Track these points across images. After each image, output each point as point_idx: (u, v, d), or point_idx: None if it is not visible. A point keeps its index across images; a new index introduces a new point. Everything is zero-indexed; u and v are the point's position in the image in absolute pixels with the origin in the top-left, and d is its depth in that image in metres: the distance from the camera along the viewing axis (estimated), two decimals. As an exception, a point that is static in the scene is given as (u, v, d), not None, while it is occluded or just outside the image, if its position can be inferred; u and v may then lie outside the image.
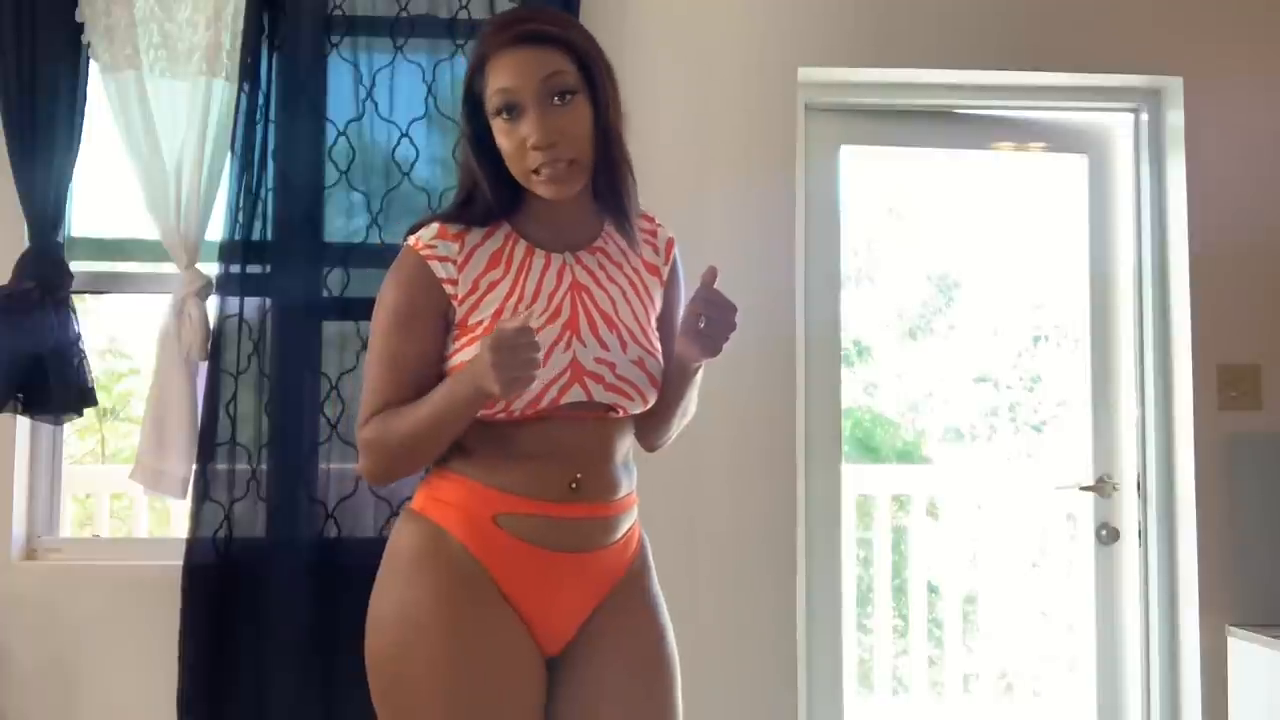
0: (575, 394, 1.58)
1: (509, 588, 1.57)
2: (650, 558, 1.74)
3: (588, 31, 1.65)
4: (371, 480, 1.66)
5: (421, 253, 1.62)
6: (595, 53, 1.60)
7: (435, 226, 1.64)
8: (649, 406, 1.67)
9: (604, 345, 1.61)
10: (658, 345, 1.69)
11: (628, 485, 1.67)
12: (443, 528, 1.58)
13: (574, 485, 1.58)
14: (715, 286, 1.58)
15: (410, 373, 1.60)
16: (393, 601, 1.58)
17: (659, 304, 1.74)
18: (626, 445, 1.70)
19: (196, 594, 2.61)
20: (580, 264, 1.66)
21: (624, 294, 1.67)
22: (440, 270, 1.61)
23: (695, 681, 2.07)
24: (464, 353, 1.58)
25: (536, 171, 1.56)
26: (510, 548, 1.57)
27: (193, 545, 2.63)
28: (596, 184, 1.64)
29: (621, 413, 1.64)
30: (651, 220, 1.77)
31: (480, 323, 1.59)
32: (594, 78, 1.58)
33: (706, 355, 1.61)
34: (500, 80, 1.55)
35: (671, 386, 1.69)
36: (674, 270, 1.78)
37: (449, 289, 1.60)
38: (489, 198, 1.62)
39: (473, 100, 1.60)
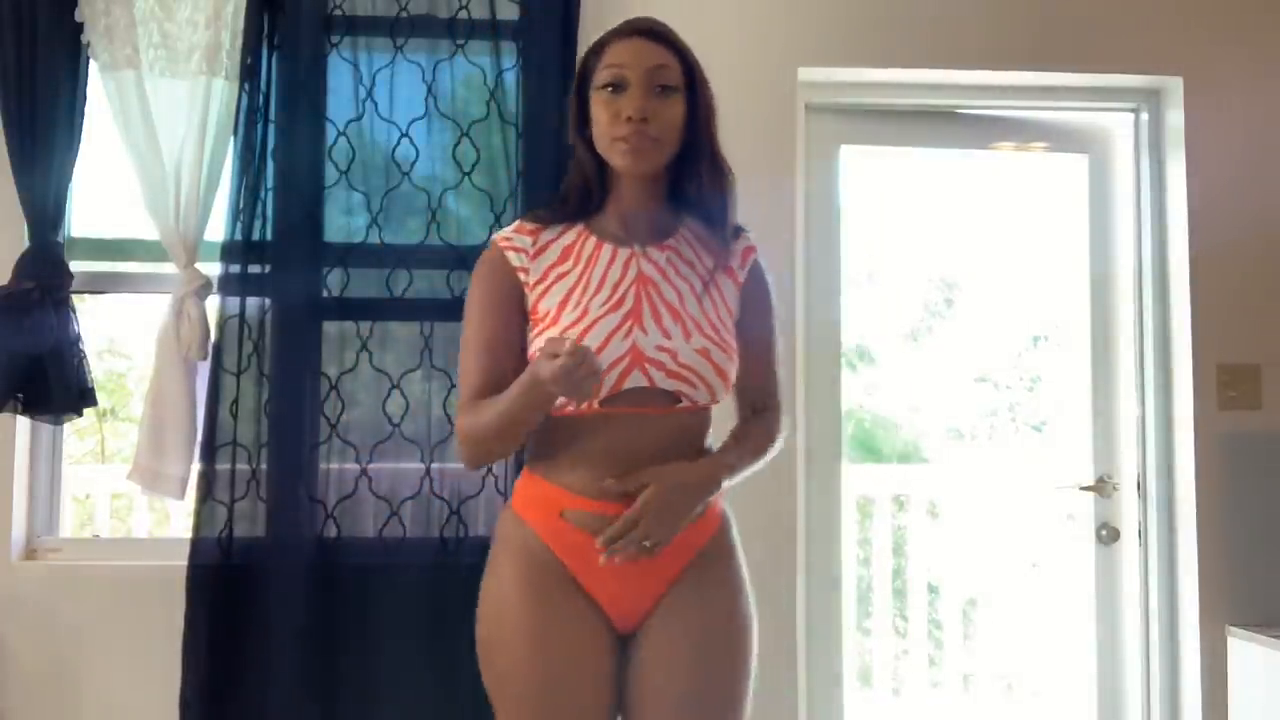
0: (636, 379, 1.67)
1: (580, 575, 1.70)
2: (734, 540, 1.83)
3: (697, 59, 1.79)
4: (467, 465, 1.86)
5: (500, 244, 1.78)
6: (700, 71, 1.77)
7: (517, 223, 1.81)
8: (717, 399, 1.75)
9: (666, 334, 1.69)
10: (728, 340, 1.76)
11: None
12: (524, 521, 1.74)
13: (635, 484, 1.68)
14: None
15: (495, 358, 1.74)
16: (488, 587, 1.76)
17: (737, 308, 1.81)
18: (698, 442, 1.77)
19: (200, 594, 2.61)
20: (648, 259, 1.76)
21: (693, 289, 1.75)
22: (515, 259, 1.75)
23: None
24: (537, 341, 1.71)
25: (622, 139, 1.69)
26: (576, 540, 1.69)
27: (197, 545, 2.63)
28: (680, 186, 1.78)
29: (686, 403, 1.71)
30: (738, 226, 1.85)
31: (548, 311, 1.72)
32: (695, 85, 1.75)
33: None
34: (614, 58, 1.72)
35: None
36: (752, 276, 1.86)
37: (521, 276, 1.74)
38: (583, 181, 1.76)
39: (583, 79, 1.76)
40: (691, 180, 1.77)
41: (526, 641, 1.68)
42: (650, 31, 1.75)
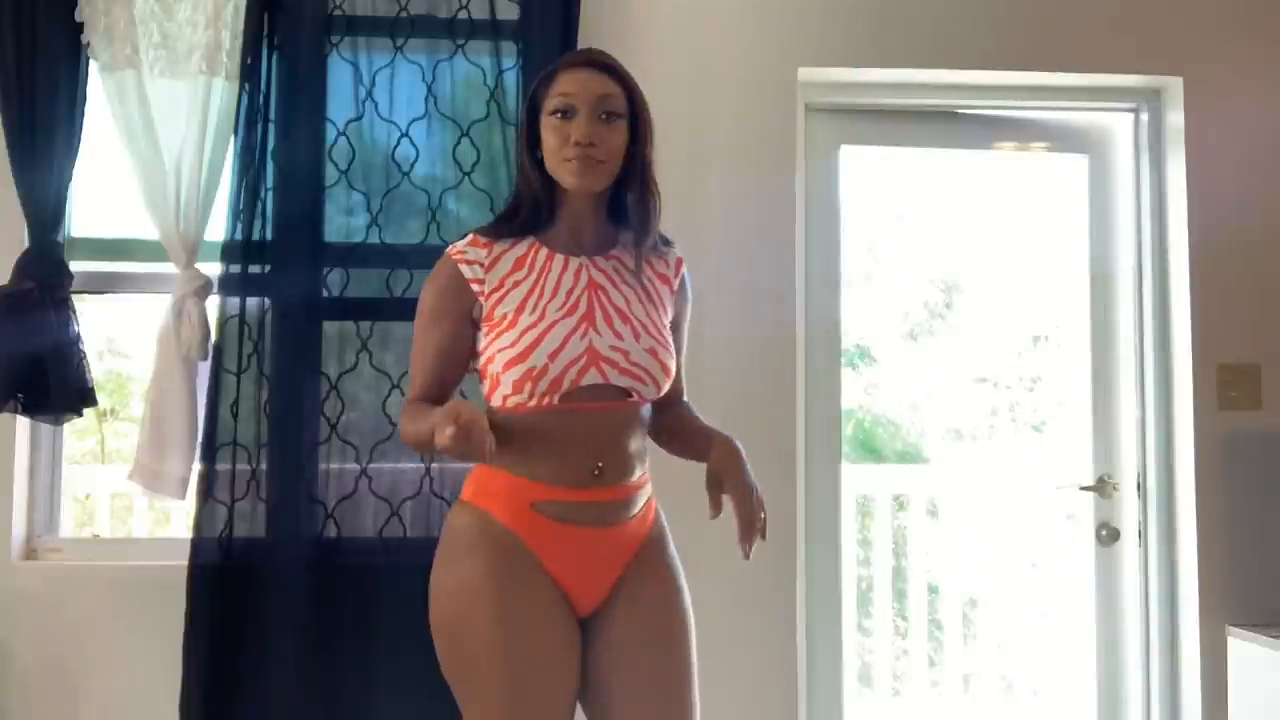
0: (592, 376, 1.82)
1: (547, 561, 1.82)
2: (665, 526, 1.97)
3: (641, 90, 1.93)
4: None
5: (454, 258, 1.89)
6: (642, 100, 1.91)
7: (470, 235, 1.93)
8: (661, 394, 1.90)
9: (618, 335, 1.85)
10: (669, 339, 1.93)
11: (642, 468, 1.91)
12: (489, 513, 1.83)
13: (596, 472, 1.82)
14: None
15: (439, 365, 1.89)
16: (452, 576, 1.84)
17: (671, 311, 1.98)
18: (641, 433, 1.92)
19: (201, 594, 2.61)
20: (596, 267, 1.91)
21: (637, 295, 1.91)
22: (468, 271, 1.87)
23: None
24: (496, 343, 1.83)
25: (570, 160, 1.84)
26: (546, 528, 1.82)
27: (198, 545, 2.63)
28: (620, 202, 1.94)
29: (637, 398, 1.87)
30: (668, 240, 2.01)
31: (505, 315, 1.84)
32: (637, 114, 1.90)
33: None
34: (564, 87, 1.86)
35: (690, 450, 1.98)
36: (682, 284, 2.03)
37: (475, 287, 1.87)
38: (533, 197, 1.90)
39: (533, 107, 1.91)
40: (629, 196, 1.93)
41: (500, 623, 1.77)
42: (598, 64, 1.89)
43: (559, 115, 1.86)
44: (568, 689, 1.82)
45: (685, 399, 2.09)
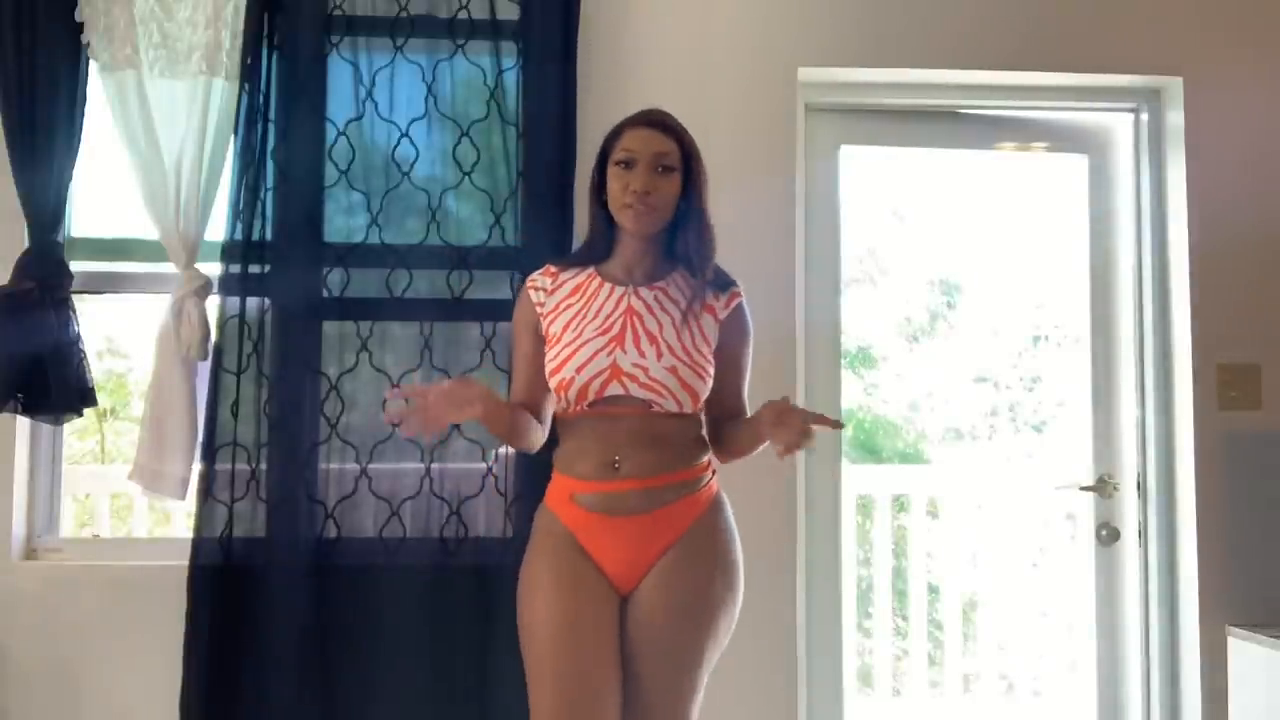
0: (615, 388, 2.09)
1: (588, 546, 2.09)
2: (725, 521, 2.15)
3: (695, 143, 2.19)
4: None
5: (528, 284, 2.26)
6: (697, 155, 2.19)
7: (546, 266, 2.26)
8: (684, 409, 2.11)
9: (642, 354, 2.10)
10: (698, 361, 2.12)
11: (678, 464, 2.11)
12: (549, 508, 2.16)
13: (615, 465, 2.08)
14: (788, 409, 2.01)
15: (524, 372, 2.23)
16: (524, 565, 2.15)
17: (715, 339, 2.18)
18: (673, 436, 2.11)
19: (203, 594, 2.61)
20: (638, 296, 2.17)
21: (673, 321, 2.14)
22: (535, 297, 2.23)
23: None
24: (548, 357, 2.15)
25: (629, 206, 2.12)
26: (584, 516, 2.09)
27: (199, 545, 2.64)
28: (677, 243, 2.19)
29: (657, 409, 2.09)
30: (730, 280, 2.23)
31: (555, 335, 2.16)
32: (690, 167, 2.17)
33: (783, 448, 1.98)
34: (628, 143, 2.15)
35: (742, 439, 2.17)
36: (734, 316, 2.23)
37: (539, 309, 2.21)
38: (599, 236, 2.21)
39: (602, 156, 2.19)
40: (683, 238, 2.18)
41: (546, 595, 2.06)
42: (658, 123, 2.17)
43: (622, 166, 2.14)
44: (613, 668, 2.04)
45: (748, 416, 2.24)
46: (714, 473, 2.19)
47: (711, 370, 2.15)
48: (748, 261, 2.83)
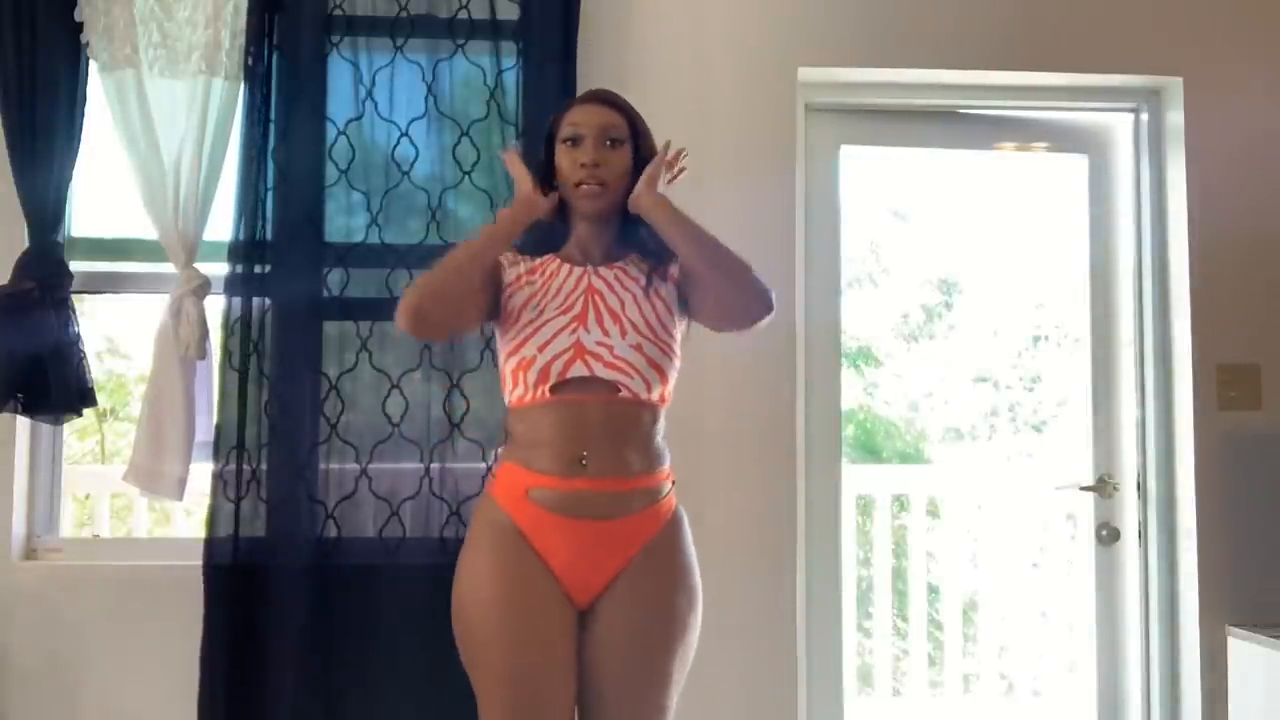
0: (578, 369, 1.99)
1: (540, 547, 1.96)
2: (683, 537, 2.04)
3: (644, 121, 2.15)
4: (405, 318, 2.06)
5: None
6: (647, 132, 2.15)
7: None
8: (653, 391, 2.02)
9: (605, 332, 2.02)
10: (663, 339, 2.06)
11: (645, 467, 2.01)
12: (495, 501, 2.02)
13: (582, 462, 1.96)
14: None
15: None
16: (464, 560, 2.03)
17: (676, 306, 2.12)
18: (641, 432, 2.02)
19: (217, 594, 2.61)
20: (599, 275, 2.10)
21: (635, 298, 2.07)
22: (501, 259, 2.13)
23: (695, 681, 2.08)
24: (504, 339, 2.07)
25: (579, 185, 2.07)
26: (539, 515, 1.96)
27: (211, 545, 2.63)
28: (628, 226, 2.13)
29: (624, 391, 1.99)
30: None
31: (513, 310, 2.07)
32: (639, 139, 2.13)
33: (642, 198, 2.04)
34: (573, 117, 2.11)
35: (667, 238, 2.06)
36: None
37: (504, 261, 2.13)
38: (548, 227, 2.14)
39: (549, 138, 2.14)
40: (635, 220, 2.11)
41: (497, 608, 1.94)
42: (604, 99, 2.14)
43: (569, 143, 2.09)
44: (565, 679, 1.95)
45: None
46: (673, 484, 2.07)
47: (678, 348, 2.07)
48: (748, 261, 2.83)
